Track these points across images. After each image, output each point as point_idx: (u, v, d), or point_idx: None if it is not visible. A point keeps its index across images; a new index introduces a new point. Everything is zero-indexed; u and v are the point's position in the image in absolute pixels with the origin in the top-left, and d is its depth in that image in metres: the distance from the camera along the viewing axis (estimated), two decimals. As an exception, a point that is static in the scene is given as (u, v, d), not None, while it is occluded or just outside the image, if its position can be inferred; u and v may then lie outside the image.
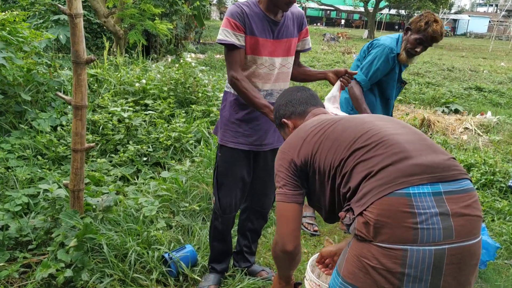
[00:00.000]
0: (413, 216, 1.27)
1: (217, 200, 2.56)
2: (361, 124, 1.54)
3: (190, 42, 13.62)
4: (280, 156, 1.68)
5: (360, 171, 1.39)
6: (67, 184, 2.92)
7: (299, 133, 1.68)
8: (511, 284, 3.11)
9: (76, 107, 2.73)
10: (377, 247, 1.30)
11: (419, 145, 1.41)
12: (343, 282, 1.43)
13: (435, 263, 1.27)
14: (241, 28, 2.26)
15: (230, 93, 2.46)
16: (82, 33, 2.64)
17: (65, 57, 7.45)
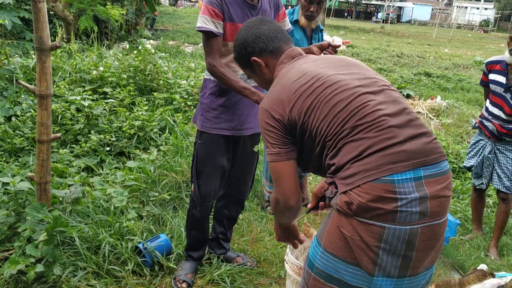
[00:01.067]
0: (395, 200, 1.35)
1: (197, 188, 2.53)
2: (352, 94, 1.48)
3: (145, 28, 13.26)
4: (265, 114, 1.57)
5: (349, 151, 1.43)
6: (32, 176, 2.80)
7: (284, 87, 1.57)
8: (469, 258, 3.31)
9: (41, 96, 2.62)
10: (357, 221, 1.39)
11: (407, 126, 1.45)
12: (324, 251, 1.50)
13: (408, 239, 1.38)
14: (219, 15, 2.26)
15: (210, 80, 2.45)
16: (46, 18, 2.52)
17: (13, 43, 7.06)
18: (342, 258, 1.45)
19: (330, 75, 1.54)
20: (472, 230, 3.79)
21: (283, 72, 1.66)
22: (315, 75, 1.55)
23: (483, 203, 3.76)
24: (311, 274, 1.55)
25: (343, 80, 1.52)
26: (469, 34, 39.05)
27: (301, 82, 1.55)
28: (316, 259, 1.53)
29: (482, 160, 3.52)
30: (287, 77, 1.60)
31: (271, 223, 3.50)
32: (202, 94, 2.51)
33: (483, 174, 3.57)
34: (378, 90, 1.52)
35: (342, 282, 1.47)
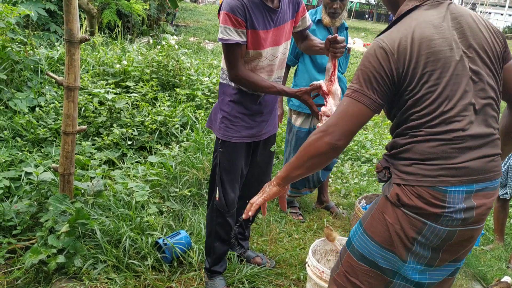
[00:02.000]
0: (443, 208, 1.44)
1: (222, 197, 2.44)
2: (463, 98, 1.45)
3: (168, 24, 13.32)
4: (379, 51, 1.48)
5: (419, 150, 1.47)
6: (56, 167, 2.82)
7: (407, 34, 1.47)
8: (491, 269, 3.25)
9: (69, 88, 2.63)
10: (403, 212, 1.48)
11: (482, 147, 1.48)
12: (364, 232, 1.60)
13: (445, 237, 1.48)
14: (242, 24, 2.14)
15: (229, 86, 2.36)
16: (77, 10, 2.53)
17: (38, 34, 7.14)
18: (378, 242, 1.55)
19: (459, 58, 1.47)
20: (494, 241, 3.72)
21: (415, 15, 1.53)
22: (449, 44, 1.47)
23: (506, 213, 3.68)
24: (347, 251, 1.67)
25: (465, 75, 1.47)
26: (492, 40, 38.37)
27: (433, 41, 1.46)
28: (355, 238, 1.64)
29: (507, 169, 3.45)
30: (419, 25, 1.49)
31: (290, 224, 3.47)
32: (220, 100, 2.42)
33: (507, 184, 3.50)
34: (483, 104, 1.49)
35: (373, 263, 1.58)
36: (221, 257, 2.57)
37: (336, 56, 2.18)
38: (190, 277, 2.66)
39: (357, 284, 1.63)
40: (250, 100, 2.36)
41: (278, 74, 2.42)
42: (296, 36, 2.55)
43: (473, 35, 1.52)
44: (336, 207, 3.84)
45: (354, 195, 4.19)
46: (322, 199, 3.85)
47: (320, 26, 3.30)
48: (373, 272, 1.59)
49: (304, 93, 2.23)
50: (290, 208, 3.66)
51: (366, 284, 1.62)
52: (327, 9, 3.25)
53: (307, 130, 3.40)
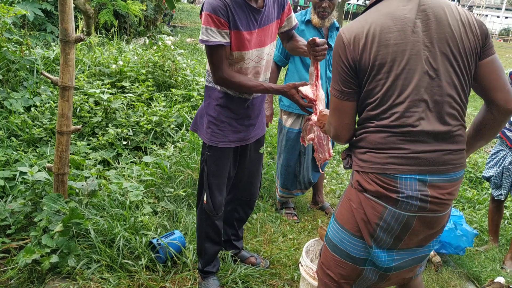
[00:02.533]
0: (396, 192, 1.51)
1: (210, 200, 2.43)
2: (415, 94, 1.49)
3: (164, 24, 13.31)
4: (339, 40, 1.56)
5: (373, 139, 1.55)
6: (50, 167, 2.82)
7: (365, 25, 1.52)
8: (485, 269, 3.25)
9: (63, 88, 2.63)
10: (365, 197, 1.57)
11: (438, 140, 1.51)
12: (335, 221, 1.70)
13: (405, 223, 1.55)
14: (225, 25, 2.07)
15: (214, 89, 2.31)
16: (72, 10, 2.53)
17: (34, 34, 7.13)
18: (347, 229, 1.63)
19: (414, 53, 1.48)
20: (488, 241, 3.73)
21: (381, 6, 1.56)
22: (405, 38, 1.48)
23: (501, 214, 3.69)
24: (324, 243, 1.78)
25: (420, 70, 1.48)
26: (488, 42, 38.44)
27: (388, 34, 1.48)
28: (329, 228, 1.74)
29: (502, 170, 3.46)
30: (379, 17, 1.52)
31: (285, 224, 3.48)
32: (206, 104, 2.36)
33: (502, 185, 3.51)
34: (439, 101, 1.50)
35: (345, 253, 1.65)
36: (213, 257, 2.57)
37: (318, 59, 2.14)
38: (184, 277, 2.66)
39: (331, 276, 1.71)
40: (237, 104, 2.32)
41: (265, 76, 2.39)
42: (282, 36, 2.52)
43: (439, 29, 1.49)
44: (331, 207, 3.85)
45: (349, 195, 4.20)
46: (317, 200, 3.86)
47: (309, 27, 3.28)
48: (345, 263, 1.66)
49: (291, 88, 2.19)
50: (284, 208, 3.67)
51: (339, 277, 1.69)
52: (316, 8, 3.22)
53: (298, 131, 3.40)
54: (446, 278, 3.03)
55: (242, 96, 2.32)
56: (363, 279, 1.70)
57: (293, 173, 3.53)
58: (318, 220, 3.60)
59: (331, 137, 1.71)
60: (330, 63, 3.41)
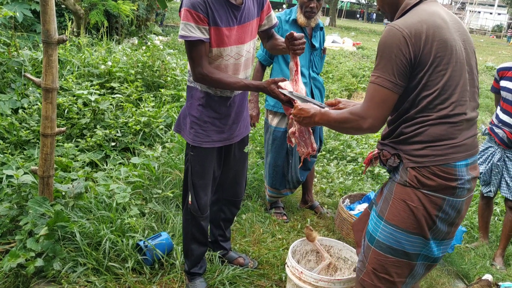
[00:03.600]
0: (456, 180, 1.65)
1: (195, 201, 2.42)
2: (464, 85, 1.66)
3: (155, 24, 13.27)
4: (400, 38, 1.59)
5: (429, 134, 1.63)
6: (35, 170, 2.79)
7: (421, 21, 1.61)
8: (474, 267, 3.25)
9: (46, 90, 2.60)
10: (422, 193, 1.65)
11: (472, 126, 1.71)
12: (387, 224, 1.73)
13: (459, 209, 1.70)
14: (204, 20, 2.07)
15: (196, 89, 2.31)
16: (54, 11, 2.50)
17: (23, 35, 7.08)
18: (404, 228, 1.68)
19: (459, 49, 1.66)
20: (478, 238, 3.74)
21: (422, 7, 1.69)
22: (453, 36, 1.65)
23: (490, 211, 3.69)
24: (371, 248, 1.78)
25: (464, 64, 1.68)
26: (481, 39, 38.69)
27: (443, 30, 1.63)
28: (377, 232, 1.75)
29: (490, 167, 3.46)
30: (429, 15, 1.65)
31: (274, 224, 3.46)
32: (189, 104, 2.35)
33: (491, 182, 3.51)
34: (473, 92, 1.72)
35: (401, 252, 1.71)
36: (199, 258, 2.56)
37: (297, 54, 2.14)
38: (171, 278, 2.65)
39: (386, 278, 1.75)
40: (219, 103, 2.31)
41: (245, 74, 2.39)
42: (262, 35, 2.51)
43: (464, 30, 1.74)
44: (321, 206, 3.84)
45: (339, 194, 4.20)
46: (306, 199, 3.85)
47: (294, 26, 3.26)
48: (401, 261, 1.73)
49: (270, 83, 2.18)
50: (274, 208, 3.65)
51: (395, 276, 1.75)
52: (303, 8, 3.20)
53: (284, 130, 3.39)
54: (435, 276, 3.03)
55: (223, 95, 2.31)
56: (413, 275, 1.79)
57: (281, 172, 3.52)
58: (307, 219, 3.60)
59: (363, 129, 1.67)
60: (314, 64, 3.40)
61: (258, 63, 3.42)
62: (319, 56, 3.44)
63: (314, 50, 3.37)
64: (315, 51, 3.38)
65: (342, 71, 10.05)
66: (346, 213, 3.31)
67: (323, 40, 3.48)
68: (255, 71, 3.45)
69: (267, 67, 3.47)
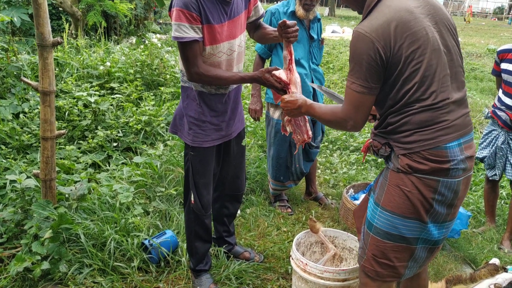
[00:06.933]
0: (449, 162, 1.64)
1: (197, 200, 2.41)
2: (443, 72, 1.64)
3: (153, 22, 13.24)
4: (366, 42, 1.58)
5: (414, 121, 1.63)
6: (37, 174, 2.80)
7: (387, 21, 1.59)
8: (482, 251, 3.24)
9: (44, 93, 2.60)
10: (416, 177, 1.65)
11: (460, 106, 1.69)
12: (383, 210, 1.74)
13: (456, 190, 1.69)
14: (198, 19, 2.05)
15: (191, 89, 2.29)
16: (47, 14, 2.50)
17: (22, 40, 7.09)
18: (400, 213, 1.69)
19: (432, 35, 1.63)
20: (485, 223, 3.71)
21: (387, 2, 1.66)
22: (422, 24, 1.62)
23: (496, 195, 3.67)
24: (370, 234, 1.79)
25: (440, 49, 1.64)
26: (482, 22, 38.35)
27: (410, 23, 1.60)
28: (375, 219, 1.77)
29: (495, 150, 3.43)
30: (394, 10, 1.62)
31: (278, 217, 3.46)
32: (185, 105, 2.33)
33: (496, 165, 3.48)
34: (455, 72, 1.69)
35: (398, 237, 1.72)
36: (204, 255, 2.56)
37: (290, 41, 2.13)
38: (178, 276, 2.65)
39: (387, 263, 1.77)
40: (215, 101, 2.31)
41: (238, 68, 2.38)
42: (250, 26, 2.49)
43: (437, 11, 1.69)
44: (325, 197, 3.83)
45: (342, 184, 4.18)
46: (310, 191, 3.84)
47: (293, 18, 3.22)
48: (399, 246, 1.73)
49: (265, 72, 2.17)
50: (278, 201, 3.65)
51: (395, 260, 1.76)
52: (303, 0, 3.18)
53: None
54: (442, 262, 3.02)
55: (218, 92, 2.30)
56: (414, 259, 1.79)
57: (285, 165, 3.51)
58: (312, 211, 3.59)
59: (346, 129, 1.75)
60: (314, 55, 3.38)
61: (257, 56, 3.41)
62: (318, 47, 3.43)
63: (313, 42, 3.35)
64: (314, 42, 3.36)
65: (342, 61, 10.00)
66: (351, 203, 3.30)
67: (321, 31, 3.46)
68: (254, 64, 3.44)
69: (266, 60, 3.46)
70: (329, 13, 32.22)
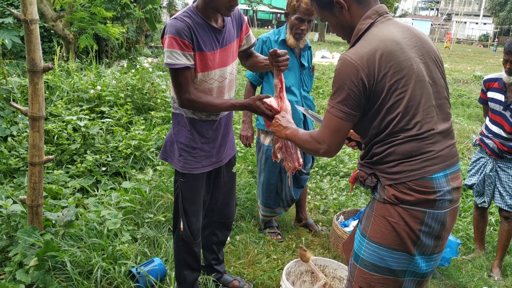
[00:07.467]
0: (435, 193, 1.63)
1: (186, 227, 2.39)
2: (428, 101, 1.64)
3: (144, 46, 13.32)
4: (351, 69, 1.60)
5: (399, 152, 1.63)
6: (24, 199, 2.75)
7: (373, 50, 1.60)
8: (472, 279, 3.23)
9: (33, 118, 2.58)
10: (402, 208, 1.64)
11: (446, 137, 1.69)
12: (370, 242, 1.71)
13: (443, 221, 1.67)
14: (190, 46, 2.07)
15: (181, 116, 2.30)
16: (38, 40, 2.50)
17: (12, 63, 7.08)
18: (387, 245, 1.67)
19: (417, 67, 1.64)
20: (475, 250, 3.72)
21: (374, 31, 1.67)
22: (408, 55, 1.63)
23: (485, 222, 3.68)
24: (356, 266, 1.77)
25: (425, 80, 1.65)
26: (468, 48, 39.21)
27: (389, 51, 1.61)
28: (361, 251, 1.74)
29: (483, 178, 3.46)
30: (376, 35, 1.64)
31: (268, 244, 3.43)
32: (176, 132, 2.33)
33: (485, 192, 3.50)
34: (440, 104, 1.69)
35: (386, 269, 1.70)
36: (192, 284, 2.52)
37: (281, 70, 2.15)
38: (165, 305, 2.60)
39: None
40: (206, 127, 2.31)
41: (229, 95, 2.39)
42: (241, 55, 2.52)
43: (423, 43, 1.71)
44: (315, 224, 3.82)
45: (333, 211, 4.17)
46: (300, 217, 3.82)
47: (283, 47, 3.26)
48: (386, 278, 1.71)
49: (256, 100, 2.18)
50: (268, 228, 3.62)
51: None
52: (293, 30, 3.21)
53: None
54: (433, 291, 3.00)
55: (209, 118, 2.30)
56: None
57: (275, 191, 3.49)
58: (302, 238, 3.56)
59: (319, 154, 1.74)
60: (304, 83, 3.41)
61: (248, 83, 3.44)
62: (309, 74, 3.46)
63: (304, 69, 3.39)
64: (304, 70, 3.40)
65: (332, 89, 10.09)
66: (341, 230, 3.29)
67: (311, 59, 3.50)
68: (246, 91, 3.46)
69: (257, 86, 3.48)
70: (319, 38, 32.74)
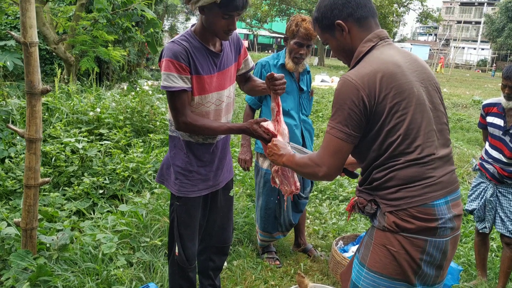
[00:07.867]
0: (436, 220, 1.59)
1: (182, 252, 2.35)
2: (428, 126, 1.62)
3: (145, 69, 13.43)
4: (352, 90, 1.58)
5: (400, 177, 1.59)
6: (18, 222, 2.72)
7: (374, 71, 1.59)
8: (474, 308, 3.16)
9: (30, 140, 2.57)
10: (403, 237, 1.59)
11: (446, 164, 1.66)
12: (369, 271, 1.66)
13: (444, 250, 1.63)
14: (187, 70, 2.08)
15: (178, 138, 2.29)
16: (37, 62, 2.51)
17: (13, 84, 7.11)
18: (387, 275, 1.62)
19: (417, 90, 1.63)
20: (477, 276, 3.65)
21: (375, 54, 1.66)
22: (409, 79, 1.63)
23: (487, 248, 3.63)
24: None
25: (426, 104, 1.64)
26: (467, 73, 39.53)
27: (391, 74, 1.59)
28: (360, 281, 1.69)
29: (484, 203, 3.43)
30: (377, 57, 1.64)
31: (266, 270, 3.37)
32: (172, 155, 2.32)
33: (485, 218, 3.46)
34: (440, 129, 1.68)
35: None
36: None
37: (278, 93, 2.16)
38: (160, 333, 2.53)
39: None
40: (202, 151, 2.30)
41: (226, 119, 2.39)
42: (240, 79, 2.53)
43: (423, 69, 1.71)
44: (314, 249, 3.76)
45: (332, 236, 4.12)
46: (299, 242, 3.77)
47: (282, 71, 3.27)
48: None
49: (253, 124, 2.17)
50: (266, 253, 3.57)
51: None
52: (292, 54, 3.22)
53: None
54: (434, 319, 2.93)
55: (206, 142, 2.29)
56: None
57: (273, 215, 3.45)
58: (300, 263, 3.50)
59: (318, 177, 1.69)
60: (303, 107, 3.41)
61: (247, 106, 3.44)
62: (307, 98, 3.47)
63: (303, 93, 3.40)
64: (303, 94, 3.41)
65: (331, 110, 10.12)
66: (340, 255, 3.23)
67: (310, 82, 3.52)
68: (245, 115, 3.46)
69: (256, 110, 3.48)
70: (318, 62, 33.05)
